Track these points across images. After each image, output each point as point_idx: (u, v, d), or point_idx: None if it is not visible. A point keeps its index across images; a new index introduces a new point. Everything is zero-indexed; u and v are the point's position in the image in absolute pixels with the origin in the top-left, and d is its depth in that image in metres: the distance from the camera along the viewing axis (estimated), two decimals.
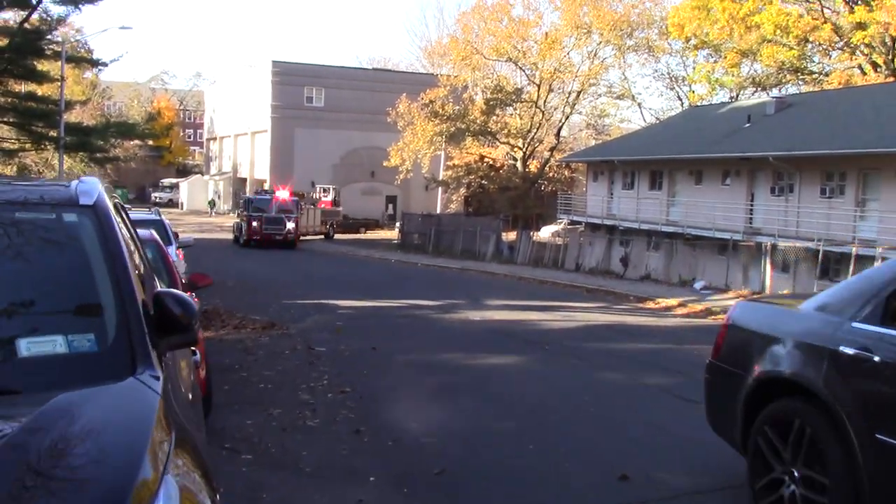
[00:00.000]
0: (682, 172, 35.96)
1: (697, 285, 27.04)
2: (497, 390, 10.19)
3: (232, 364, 11.36)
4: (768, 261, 27.52)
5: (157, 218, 16.12)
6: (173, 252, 14.30)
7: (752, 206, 31.53)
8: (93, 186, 3.69)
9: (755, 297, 19.08)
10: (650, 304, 23.20)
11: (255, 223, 42.05)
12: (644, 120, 56.66)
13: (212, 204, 70.51)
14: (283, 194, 43.55)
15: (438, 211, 55.09)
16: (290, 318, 16.41)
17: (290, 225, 42.83)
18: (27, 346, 2.86)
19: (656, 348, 14.83)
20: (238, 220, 45.55)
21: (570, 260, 35.76)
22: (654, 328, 18.02)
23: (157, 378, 2.83)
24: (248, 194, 46.27)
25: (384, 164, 53.07)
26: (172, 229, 17.11)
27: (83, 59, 42.27)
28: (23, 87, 35.87)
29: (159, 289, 3.43)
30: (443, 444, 7.55)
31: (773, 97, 38.59)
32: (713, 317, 20.31)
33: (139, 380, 2.76)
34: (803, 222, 28.34)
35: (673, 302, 22.96)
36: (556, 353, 13.47)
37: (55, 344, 2.89)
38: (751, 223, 31.05)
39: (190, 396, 3.91)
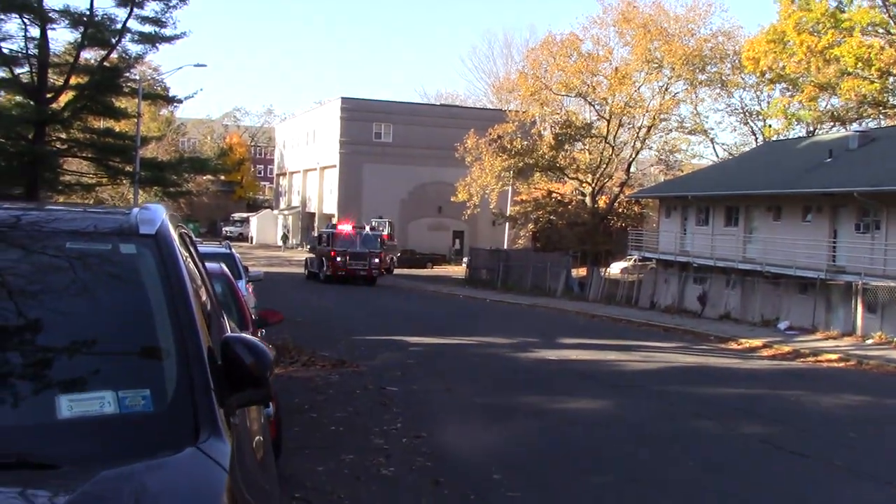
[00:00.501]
0: (760, 208, 34.82)
1: (782, 325, 25.79)
2: (585, 440, 9.45)
3: (301, 404, 10.88)
4: (860, 300, 26.09)
5: (228, 251, 15.84)
6: (243, 286, 13.94)
7: (835, 243, 30.15)
8: (156, 214, 3.18)
9: None
10: (732, 345, 22.18)
11: (339, 258, 40.68)
12: (717, 155, 55.30)
13: (284, 238, 70.85)
14: (360, 227, 42.59)
15: (506, 246, 54.44)
16: (360, 355, 15.93)
17: (375, 260, 41.62)
18: (69, 405, 2.31)
19: (747, 393, 13.92)
20: (312, 255, 44.65)
21: (644, 297, 34.94)
22: (741, 371, 17.12)
23: (225, 447, 2.26)
24: (325, 228, 45.10)
25: (451, 200, 52.74)
26: (242, 263, 16.82)
27: (159, 96, 42.96)
28: (101, 124, 36.63)
29: (229, 333, 2.86)
30: (532, 501, 6.83)
31: (855, 131, 37.08)
32: (802, 359, 19.22)
33: (202, 450, 2.20)
34: (891, 260, 26.89)
35: (757, 343, 21.87)
36: (640, 396, 12.74)
37: (103, 402, 2.34)
38: (834, 261, 29.66)
39: (261, 455, 3.32)
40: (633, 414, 11.41)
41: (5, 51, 28.58)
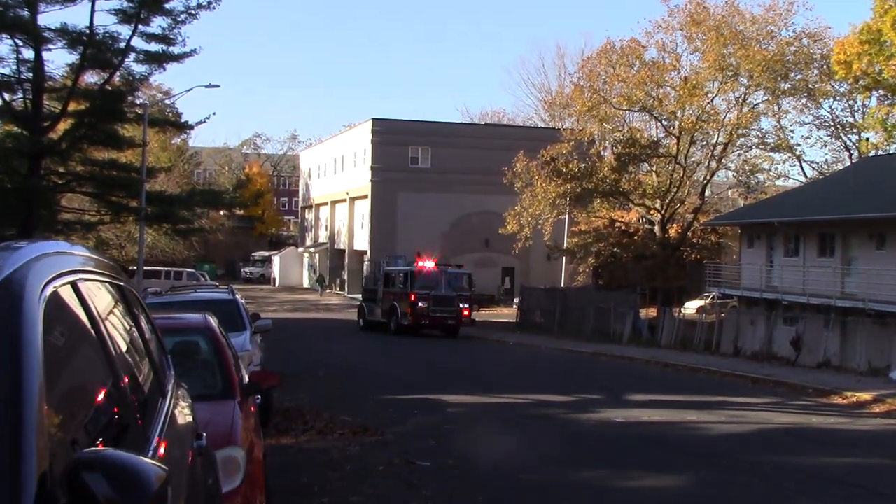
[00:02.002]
0: (860, 235, 34.44)
1: (894, 375, 24.50)
2: None
3: (310, 484, 10.21)
4: None
5: (230, 297, 15.25)
6: (245, 340, 13.28)
7: None
8: (15, 256, 2.39)
9: None
10: (836, 400, 21.19)
11: (421, 303, 37.72)
12: (805, 175, 54.30)
13: (321, 281, 69.45)
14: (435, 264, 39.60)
15: (563, 284, 53.77)
16: (387, 419, 15.27)
17: (464, 305, 38.87)
18: None
19: (863, 463, 12.93)
20: (371, 299, 41.49)
21: (726, 342, 34.55)
22: (851, 434, 16.13)
23: None
24: (392, 264, 42.00)
25: (500, 232, 52.22)
26: (249, 310, 16.20)
27: (168, 122, 43.16)
28: (104, 155, 36.68)
29: (87, 451, 2.00)
30: None
31: None
32: None
33: None
34: None
35: (865, 396, 20.71)
36: (728, 469, 11.83)
37: None
38: None
39: None
40: (721, 494, 10.54)
41: None
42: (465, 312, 38.70)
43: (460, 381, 22.32)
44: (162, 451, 3.13)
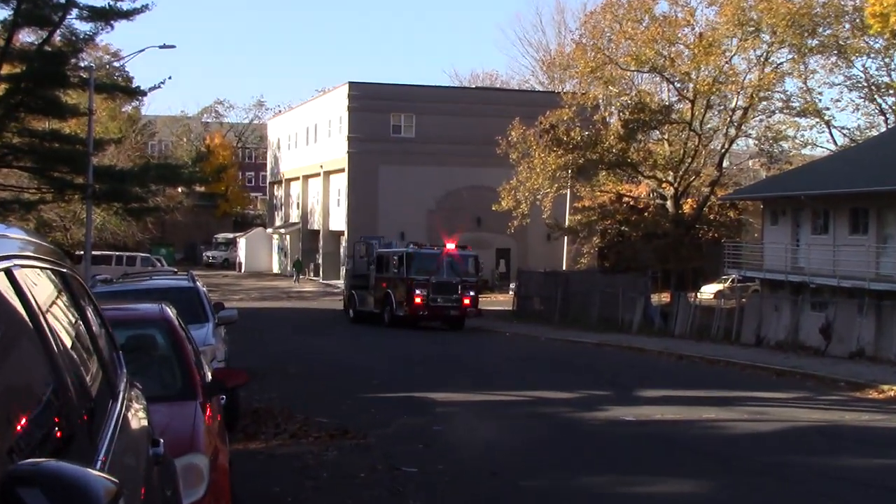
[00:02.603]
0: None
1: None
2: None
3: (282, 494, 10.28)
4: None
5: (190, 285, 15.27)
6: (207, 333, 13.29)
7: None
8: None
9: None
10: (871, 394, 21.60)
11: (419, 290, 37.29)
12: (835, 143, 54.37)
13: (298, 266, 69.19)
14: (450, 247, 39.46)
15: (564, 267, 53.92)
16: (369, 420, 15.36)
17: (470, 294, 38.49)
18: None
19: None
20: (362, 286, 41.16)
21: (747, 330, 34.80)
22: (890, 432, 16.36)
23: None
24: (385, 246, 41.63)
25: (493, 209, 52.29)
26: (211, 299, 16.21)
27: (115, 88, 42.98)
28: (46, 125, 36.52)
29: (24, 463, 1.96)
30: None
31: None
32: None
33: None
34: None
35: None
36: (752, 472, 11.91)
37: None
38: None
39: None
40: (742, 501, 10.69)
41: None
42: (467, 301, 38.21)
43: (451, 376, 22.39)
44: (112, 461, 3.10)
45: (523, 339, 35.88)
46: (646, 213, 53.34)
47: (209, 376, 8.53)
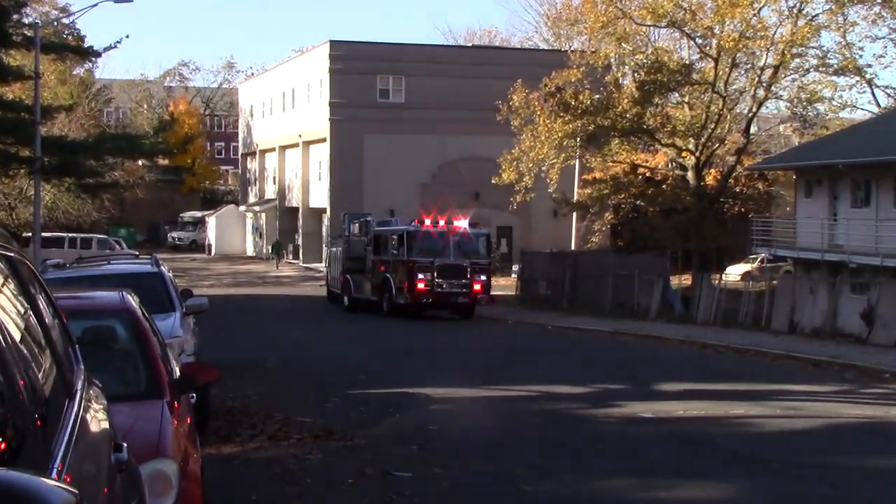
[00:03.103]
0: None
1: None
2: None
3: (260, 503, 10.37)
4: None
5: (154, 270, 15.30)
6: (174, 324, 13.32)
7: None
8: None
9: None
10: None
11: (422, 274, 37.00)
12: (878, 104, 54.33)
13: (277, 248, 68.86)
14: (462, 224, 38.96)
15: (573, 247, 53.91)
16: (356, 419, 15.50)
17: (482, 278, 38.23)
18: None
19: None
20: (356, 269, 40.79)
21: (779, 316, 34.71)
22: None
23: None
24: (383, 224, 41.51)
25: (493, 182, 52.31)
26: (178, 286, 16.24)
27: (65, 48, 42.96)
28: None
29: None
30: None
31: None
32: None
33: None
34: None
35: None
36: (787, 476, 12.01)
37: None
38: None
39: None
40: None
41: None
42: (477, 286, 37.75)
43: (448, 369, 22.51)
44: (70, 468, 3.09)
45: (528, 327, 36.03)
46: (664, 186, 53.23)
47: (177, 372, 8.59)
